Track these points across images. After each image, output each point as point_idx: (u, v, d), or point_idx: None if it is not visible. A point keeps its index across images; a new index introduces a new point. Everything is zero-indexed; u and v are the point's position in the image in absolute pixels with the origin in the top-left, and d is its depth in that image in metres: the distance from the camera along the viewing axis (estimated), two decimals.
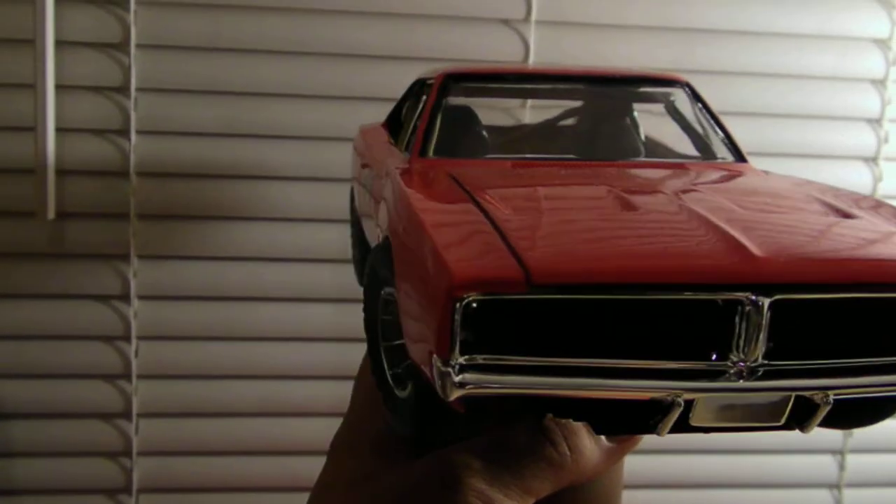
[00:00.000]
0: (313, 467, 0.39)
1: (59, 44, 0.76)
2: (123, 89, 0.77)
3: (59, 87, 0.76)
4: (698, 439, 0.82)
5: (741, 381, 0.26)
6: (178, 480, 0.83)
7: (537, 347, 0.26)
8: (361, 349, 0.38)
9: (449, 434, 0.33)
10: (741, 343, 0.26)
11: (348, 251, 0.64)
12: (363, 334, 0.37)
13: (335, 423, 0.39)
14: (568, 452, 0.34)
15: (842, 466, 0.88)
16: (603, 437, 0.33)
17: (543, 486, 0.35)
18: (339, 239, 0.72)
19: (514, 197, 0.34)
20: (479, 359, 0.25)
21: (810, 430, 0.28)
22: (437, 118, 0.41)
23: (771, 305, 0.26)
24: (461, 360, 0.25)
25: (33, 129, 0.76)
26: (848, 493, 0.89)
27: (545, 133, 0.47)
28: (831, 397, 0.26)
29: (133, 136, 0.78)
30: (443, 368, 0.25)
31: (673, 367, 0.26)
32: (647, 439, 0.32)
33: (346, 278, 0.52)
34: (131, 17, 0.76)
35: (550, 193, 0.37)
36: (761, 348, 0.26)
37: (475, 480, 0.34)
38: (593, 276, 0.25)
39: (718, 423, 0.27)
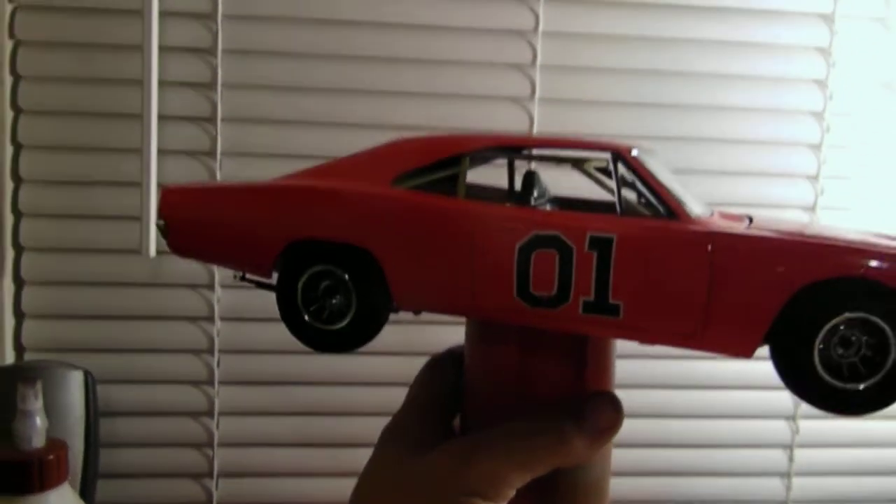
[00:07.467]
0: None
1: (162, 118, 0.94)
2: (211, 153, 0.97)
3: (161, 152, 0.95)
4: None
5: None
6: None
7: None
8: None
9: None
10: None
11: None
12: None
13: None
14: (576, 436, 0.37)
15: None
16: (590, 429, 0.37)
17: (543, 467, 0.38)
18: None
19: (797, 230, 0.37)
20: None
21: None
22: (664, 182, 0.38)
23: None
24: None
25: (139, 184, 0.94)
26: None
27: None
28: None
29: None
30: None
31: None
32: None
33: None
34: (218, 97, 0.96)
35: (772, 221, 0.40)
36: None
37: (484, 459, 0.37)
38: None
39: None
